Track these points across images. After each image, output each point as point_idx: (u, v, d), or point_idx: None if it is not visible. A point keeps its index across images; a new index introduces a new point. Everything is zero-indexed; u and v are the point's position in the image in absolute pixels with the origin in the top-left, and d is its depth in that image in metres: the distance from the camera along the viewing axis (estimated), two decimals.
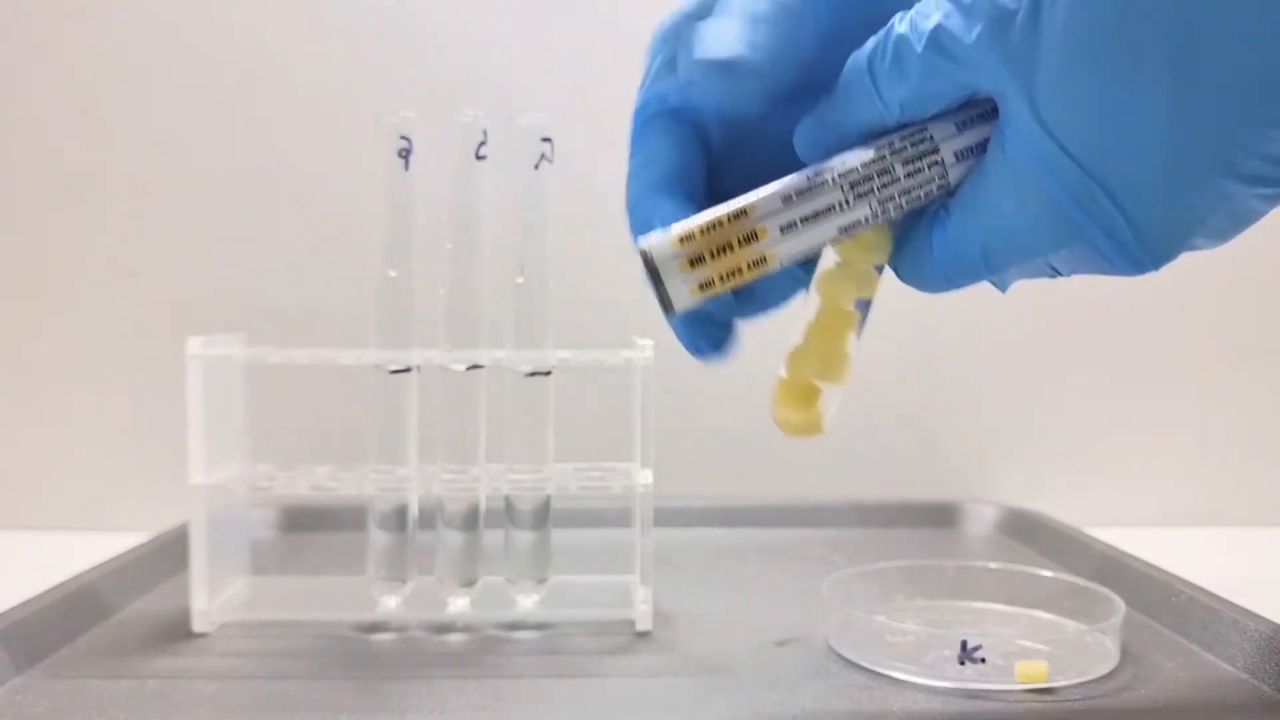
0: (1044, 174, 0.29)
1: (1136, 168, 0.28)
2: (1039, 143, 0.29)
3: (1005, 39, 0.28)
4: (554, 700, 0.41)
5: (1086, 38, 0.27)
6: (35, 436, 0.74)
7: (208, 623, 0.48)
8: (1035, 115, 0.28)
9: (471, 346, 0.48)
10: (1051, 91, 0.28)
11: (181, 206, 0.74)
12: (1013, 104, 0.29)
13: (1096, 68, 0.27)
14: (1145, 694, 0.41)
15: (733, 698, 0.41)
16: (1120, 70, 0.27)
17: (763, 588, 0.56)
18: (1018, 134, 0.29)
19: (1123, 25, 0.26)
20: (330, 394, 0.69)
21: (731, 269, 0.31)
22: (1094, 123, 0.28)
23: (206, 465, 0.48)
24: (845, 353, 0.35)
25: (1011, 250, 0.31)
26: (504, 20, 0.74)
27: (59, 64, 0.73)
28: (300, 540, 0.67)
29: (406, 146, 0.47)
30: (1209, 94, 0.26)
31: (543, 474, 0.49)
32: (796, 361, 0.35)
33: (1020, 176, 0.30)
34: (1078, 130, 0.28)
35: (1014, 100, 0.29)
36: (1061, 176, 0.29)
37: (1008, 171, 0.30)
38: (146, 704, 0.40)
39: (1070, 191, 0.29)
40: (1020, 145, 0.29)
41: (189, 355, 0.47)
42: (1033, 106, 0.28)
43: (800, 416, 0.35)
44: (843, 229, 0.31)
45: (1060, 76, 0.27)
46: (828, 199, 0.31)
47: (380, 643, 0.47)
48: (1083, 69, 0.27)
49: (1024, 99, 0.28)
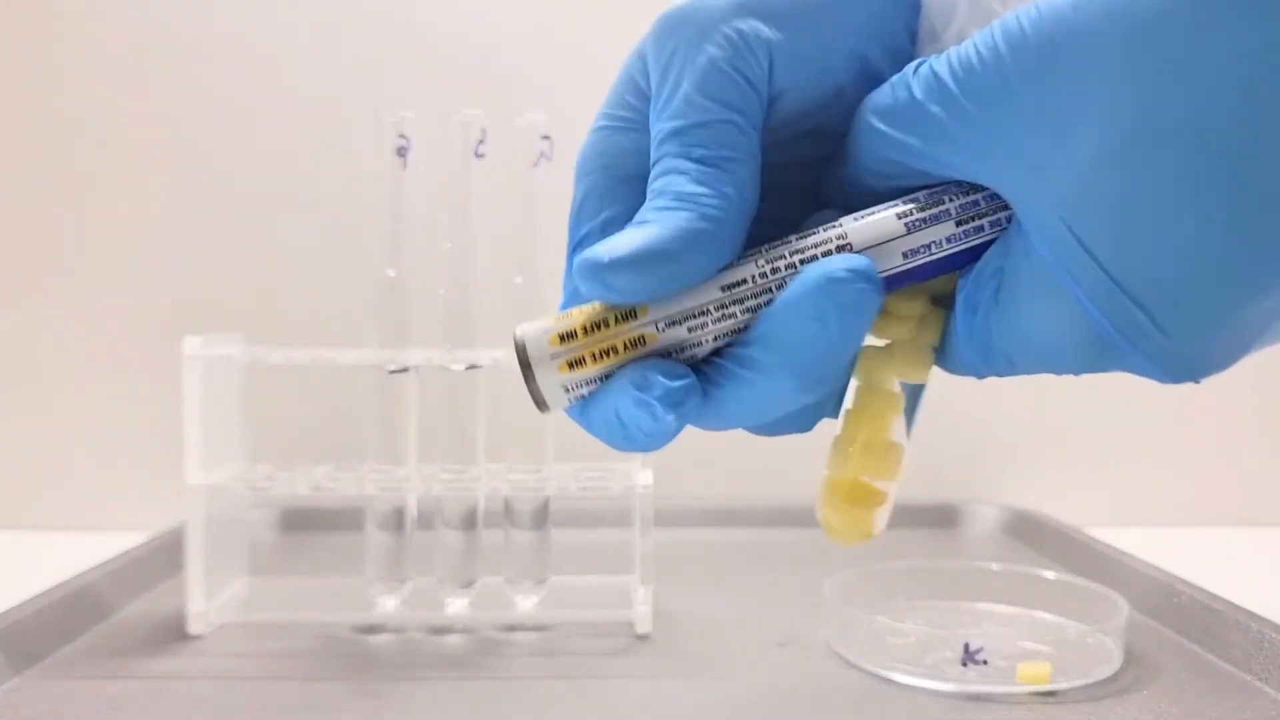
0: (1071, 284, 0.25)
1: (1180, 284, 0.24)
2: (1065, 252, 0.25)
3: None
4: (553, 702, 0.41)
5: (1127, 141, 0.23)
6: (34, 436, 0.74)
7: (204, 624, 0.48)
8: (1061, 221, 0.24)
9: (470, 346, 0.48)
10: (1081, 198, 0.24)
11: (180, 206, 0.74)
12: (1033, 207, 0.25)
13: (1136, 174, 0.23)
14: (1148, 695, 0.41)
15: (733, 700, 0.41)
16: (1166, 176, 0.23)
17: (763, 589, 0.56)
18: (1041, 239, 0.25)
19: (1175, 127, 0.23)
20: (329, 394, 0.68)
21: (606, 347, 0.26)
22: (1131, 233, 0.24)
23: (204, 465, 0.47)
24: (889, 441, 0.30)
25: (1037, 361, 0.27)
26: (502, 19, 0.74)
27: (57, 64, 0.73)
28: (298, 540, 0.67)
29: (405, 145, 0.47)
30: (1267, 204, 0.23)
31: (542, 474, 0.49)
32: (838, 454, 0.30)
33: (1041, 285, 0.26)
34: (1111, 241, 0.24)
35: (1034, 203, 0.25)
36: (1091, 289, 0.25)
37: (1029, 278, 0.26)
38: (144, 705, 0.40)
39: (1101, 306, 0.25)
40: (1042, 250, 0.25)
41: (187, 355, 0.47)
42: (1058, 211, 0.24)
43: (844, 519, 0.30)
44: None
45: (1094, 180, 0.24)
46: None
47: (378, 644, 0.47)
48: (1123, 175, 0.23)
49: (1048, 202, 0.24)
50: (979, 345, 0.27)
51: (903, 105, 0.26)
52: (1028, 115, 0.24)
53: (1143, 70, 0.22)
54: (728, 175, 0.26)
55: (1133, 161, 0.23)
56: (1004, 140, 0.25)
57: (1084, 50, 0.23)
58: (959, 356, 0.28)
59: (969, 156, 0.25)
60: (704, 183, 0.26)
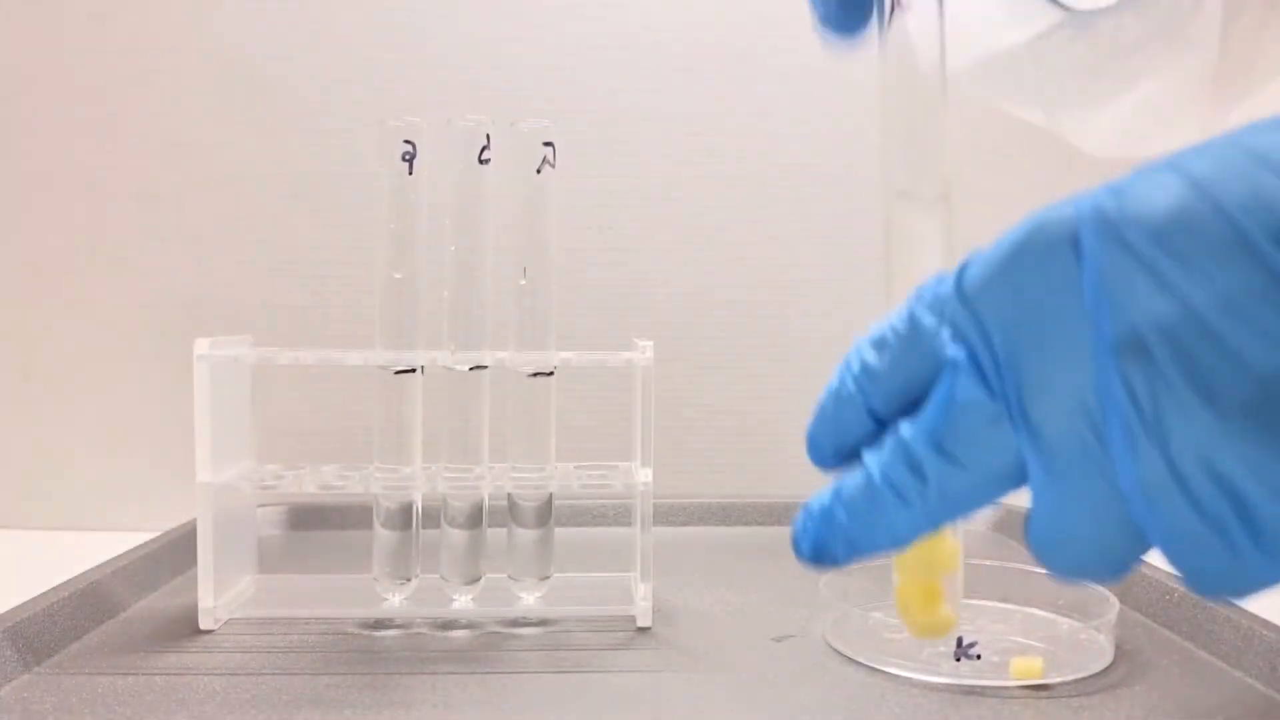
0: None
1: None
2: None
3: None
4: (556, 695, 0.41)
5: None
6: (45, 436, 0.75)
7: (214, 620, 0.48)
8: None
9: (475, 347, 0.49)
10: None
11: (189, 209, 0.75)
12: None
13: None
14: (1139, 690, 0.42)
15: (731, 693, 0.41)
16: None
17: (761, 585, 0.57)
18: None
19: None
20: (336, 394, 0.69)
21: None
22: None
23: (213, 464, 0.48)
24: (948, 544, 0.32)
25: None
26: (506, 27, 0.75)
27: (67, 68, 0.74)
28: (306, 538, 0.68)
29: (410, 151, 0.48)
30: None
31: (545, 473, 0.49)
32: (903, 564, 0.32)
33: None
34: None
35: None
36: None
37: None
38: (154, 700, 0.40)
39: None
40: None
41: (196, 356, 0.47)
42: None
43: (927, 619, 0.32)
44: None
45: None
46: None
47: (385, 639, 0.48)
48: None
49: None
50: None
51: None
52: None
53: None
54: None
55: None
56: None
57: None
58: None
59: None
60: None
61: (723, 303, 0.76)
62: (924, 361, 0.28)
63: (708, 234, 0.76)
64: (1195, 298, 0.23)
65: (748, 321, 0.76)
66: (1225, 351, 0.23)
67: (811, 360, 0.75)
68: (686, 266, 0.76)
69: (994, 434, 0.26)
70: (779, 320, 0.76)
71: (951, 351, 0.27)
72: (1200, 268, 0.23)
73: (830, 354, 0.31)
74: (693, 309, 0.76)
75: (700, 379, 0.76)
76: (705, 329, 0.76)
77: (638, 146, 0.75)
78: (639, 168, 0.76)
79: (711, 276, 0.76)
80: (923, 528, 0.28)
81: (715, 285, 0.76)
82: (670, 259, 0.76)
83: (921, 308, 0.28)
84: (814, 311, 0.76)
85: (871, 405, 0.29)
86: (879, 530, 0.28)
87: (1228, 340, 0.23)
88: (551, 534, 0.50)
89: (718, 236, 0.76)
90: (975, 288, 0.27)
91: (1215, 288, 0.23)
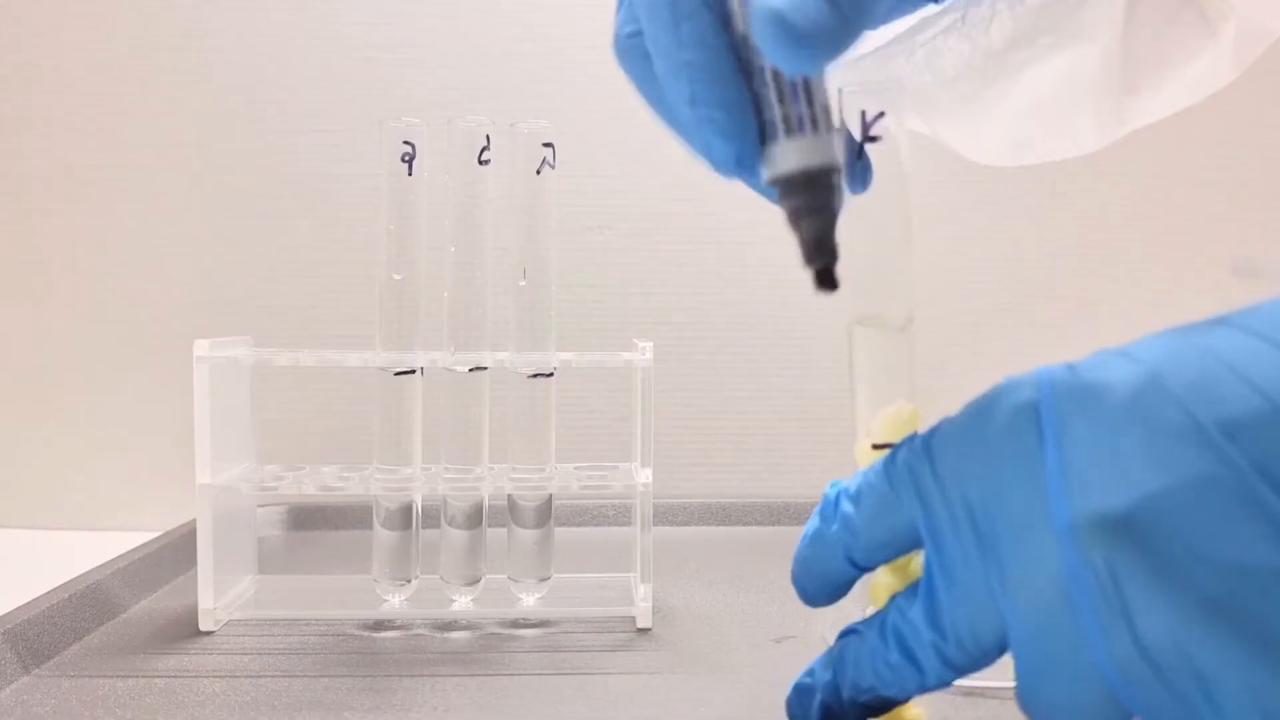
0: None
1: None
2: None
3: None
4: (556, 697, 0.41)
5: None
6: (45, 437, 0.75)
7: (214, 621, 0.48)
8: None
9: (475, 349, 0.49)
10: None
11: (189, 210, 0.75)
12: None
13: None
14: None
15: (732, 694, 0.41)
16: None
17: (761, 585, 0.57)
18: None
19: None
20: (336, 395, 0.69)
21: None
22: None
23: (213, 465, 0.48)
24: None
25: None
26: (506, 27, 0.75)
27: (67, 69, 0.74)
28: (306, 538, 0.68)
29: (410, 152, 0.48)
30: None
31: (545, 473, 0.49)
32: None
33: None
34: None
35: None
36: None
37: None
38: (153, 702, 0.40)
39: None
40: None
41: (196, 357, 0.47)
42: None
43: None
44: None
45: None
46: None
47: (385, 640, 0.48)
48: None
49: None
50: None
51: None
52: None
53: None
54: None
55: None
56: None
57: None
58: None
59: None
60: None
61: (723, 303, 0.76)
62: (900, 520, 0.29)
63: (708, 234, 0.76)
64: (1151, 485, 0.24)
65: (748, 321, 0.76)
66: (1183, 541, 0.23)
67: (811, 360, 0.75)
68: (686, 266, 0.76)
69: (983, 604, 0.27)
70: (779, 320, 0.76)
71: (923, 523, 0.28)
72: (1156, 455, 0.24)
73: (831, 354, 0.31)
74: (693, 309, 0.76)
75: (700, 379, 0.76)
76: (705, 329, 0.76)
77: (637, 147, 0.75)
78: (639, 168, 0.76)
79: (711, 276, 0.76)
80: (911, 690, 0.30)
81: (715, 285, 0.76)
82: (670, 259, 0.76)
83: (895, 471, 0.29)
84: (814, 312, 0.76)
85: (852, 556, 0.31)
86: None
87: (1184, 530, 0.23)
88: (551, 535, 0.50)
89: (718, 236, 0.76)
90: (943, 458, 0.28)
91: (1173, 475, 0.24)
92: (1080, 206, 0.78)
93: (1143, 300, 0.77)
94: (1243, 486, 0.23)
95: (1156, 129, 0.44)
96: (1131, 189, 0.77)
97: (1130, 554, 0.24)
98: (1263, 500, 0.23)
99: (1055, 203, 0.77)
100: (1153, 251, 0.78)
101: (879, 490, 0.30)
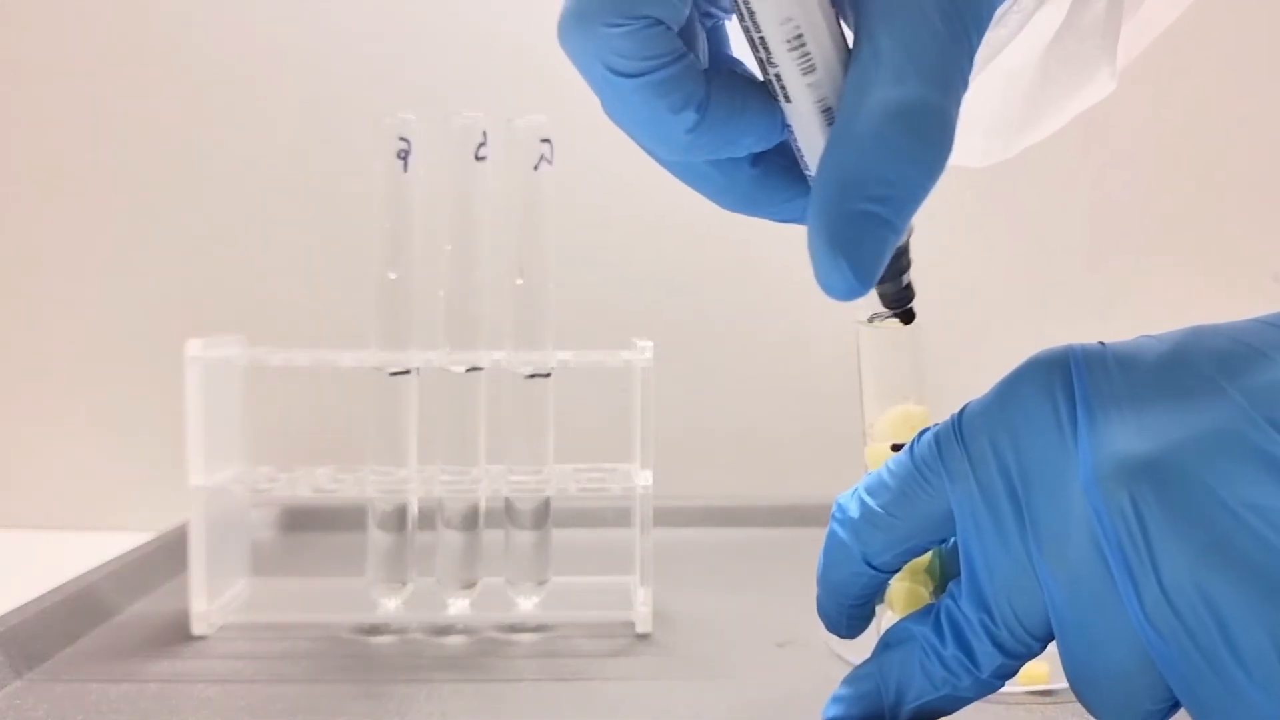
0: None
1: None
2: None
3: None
4: (554, 703, 0.41)
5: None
6: (36, 436, 0.74)
7: (207, 625, 0.48)
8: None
9: (471, 348, 0.48)
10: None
11: (182, 208, 0.74)
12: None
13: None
14: None
15: (733, 700, 0.41)
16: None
17: (762, 588, 0.56)
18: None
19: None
20: (330, 395, 0.69)
21: None
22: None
23: (206, 467, 0.48)
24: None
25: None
26: (503, 21, 0.74)
27: (60, 65, 0.73)
28: (300, 540, 0.67)
29: (405, 148, 0.47)
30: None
31: (542, 475, 0.49)
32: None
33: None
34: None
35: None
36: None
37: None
38: (146, 707, 0.40)
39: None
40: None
41: (188, 357, 0.47)
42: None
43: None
44: None
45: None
46: None
47: (380, 645, 0.47)
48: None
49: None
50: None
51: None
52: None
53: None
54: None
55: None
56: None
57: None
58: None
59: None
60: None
61: (723, 303, 0.76)
62: (926, 504, 0.30)
63: (708, 234, 0.76)
64: (1174, 435, 0.25)
65: (748, 321, 0.76)
66: (1202, 483, 0.25)
67: (814, 360, 0.75)
68: (686, 266, 0.76)
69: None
70: (779, 320, 0.76)
71: (955, 497, 0.29)
72: (1180, 412, 0.26)
73: (833, 353, 0.31)
74: (693, 309, 0.76)
75: (700, 379, 0.76)
76: (705, 329, 0.76)
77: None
78: (639, 166, 0.75)
79: (711, 276, 0.76)
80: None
81: (715, 285, 0.76)
82: (670, 259, 0.76)
83: (920, 453, 0.30)
84: (814, 312, 0.76)
85: (869, 556, 0.31)
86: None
87: (1203, 473, 0.25)
88: (549, 537, 0.50)
89: (718, 236, 0.76)
90: (973, 430, 0.29)
91: (1194, 427, 0.25)
92: (1089, 203, 0.77)
93: (1156, 299, 0.76)
94: (1261, 438, 0.25)
95: (1162, 128, 0.44)
96: (1141, 187, 0.77)
97: (1153, 494, 0.25)
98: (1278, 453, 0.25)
99: (1064, 200, 0.77)
100: (1163, 248, 0.77)
101: (901, 477, 0.30)
